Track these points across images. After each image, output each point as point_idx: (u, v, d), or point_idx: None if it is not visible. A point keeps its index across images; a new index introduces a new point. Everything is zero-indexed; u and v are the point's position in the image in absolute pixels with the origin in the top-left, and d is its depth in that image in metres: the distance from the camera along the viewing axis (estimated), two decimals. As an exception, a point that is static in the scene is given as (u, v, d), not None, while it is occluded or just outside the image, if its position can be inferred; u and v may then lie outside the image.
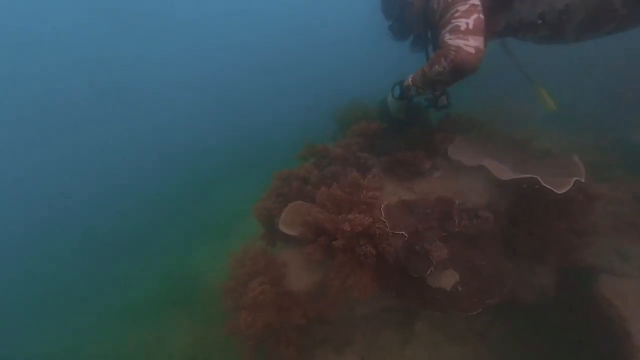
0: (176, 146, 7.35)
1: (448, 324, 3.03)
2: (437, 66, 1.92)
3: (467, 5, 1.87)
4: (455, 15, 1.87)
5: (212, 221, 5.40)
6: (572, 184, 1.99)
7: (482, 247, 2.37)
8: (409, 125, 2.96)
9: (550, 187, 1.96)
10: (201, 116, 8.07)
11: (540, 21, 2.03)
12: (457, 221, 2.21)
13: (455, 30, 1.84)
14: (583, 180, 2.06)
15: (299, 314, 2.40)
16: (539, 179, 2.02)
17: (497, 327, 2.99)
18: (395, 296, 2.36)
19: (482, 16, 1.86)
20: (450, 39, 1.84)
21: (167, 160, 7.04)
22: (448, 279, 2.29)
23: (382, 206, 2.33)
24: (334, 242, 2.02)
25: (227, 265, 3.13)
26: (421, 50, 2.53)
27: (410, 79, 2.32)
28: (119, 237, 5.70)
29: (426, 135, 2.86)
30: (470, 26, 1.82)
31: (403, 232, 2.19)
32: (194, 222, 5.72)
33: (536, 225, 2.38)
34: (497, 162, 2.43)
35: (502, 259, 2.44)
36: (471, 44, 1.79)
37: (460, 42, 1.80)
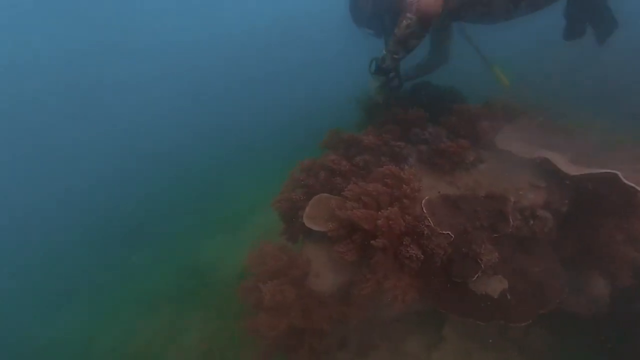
0: (192, 136, 7.17)
1: (479, 329, 2.78)
2: (404, 21, 2.18)
3: None
4: None
5: (226, 211, 5.23)
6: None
7: (535, 252, 2.10)
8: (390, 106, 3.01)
9: (634, 186, 1.66)
10: (215, 103, 7.84)
11: None
12: (511, 221, 1.93)
13: None
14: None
15: (323, 318, 2.18)
16: (619, 174, 1.72)
17: (535, 335, 2.73)
18: (430, 301, 2.12)
19: None
20: None
21: (183, 150, 6.87)
22: (495, 286, 2.03)
23: (423, 201, 2.06)
24: (372, 242, 1.78)
25: (245, 260, 2.93)
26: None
27: (384, 50, 2.53)
28: (134, 227, 5.60)
29: (466, 123, 2.56)
30: None
31: (449, 232, 1.92)
32: (209, 213, 5.57)
33: (596, 231, 2.09)
34: (558, 154, 2.12)
35: (558, 265, 2.16)
36: None
37: None
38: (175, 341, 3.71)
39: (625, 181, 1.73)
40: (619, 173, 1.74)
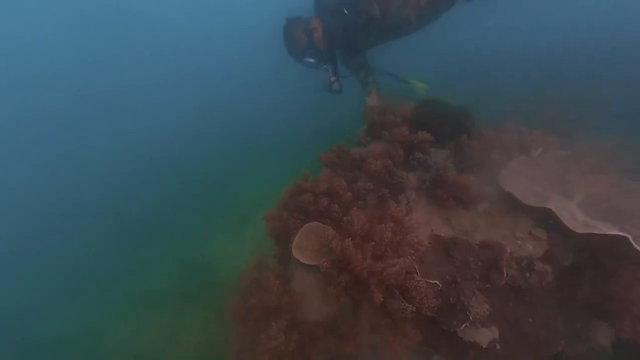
0: (199, 135, 7.23)
1: None
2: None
3: None
4: None
5: (231, 210, 5.33)
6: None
7: (530, 302, 2.00)
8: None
9: (643, 255, 1.51)
10: (221, 103, 7.80)
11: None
12: (505, 274, 1.83)
13: None
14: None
15: (316, 352, 2.22)
16: (630, 239, 1.56)
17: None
18: (421, 343, 2.10)
19: None
20: None
21: (188, 149, 6.97)
22: (485, 335, 1.97)
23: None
24: (369, 298, 1.75)
25: (245, 262, 2.97)
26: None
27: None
28: (140, 224, 5.85)
29: (474, 153, 2.39)
30: None
31: (437, 282, 1.86)
32: (213, 211, 5.70)
33: (604, 280, 1.95)
34: (566, 201, 1.95)
35: (555, 314, 2.06)
36: None
37: None
38: (176, 340, 3.96)
39: (637, 246, 1.57)
40: (629, 236, 1.58)
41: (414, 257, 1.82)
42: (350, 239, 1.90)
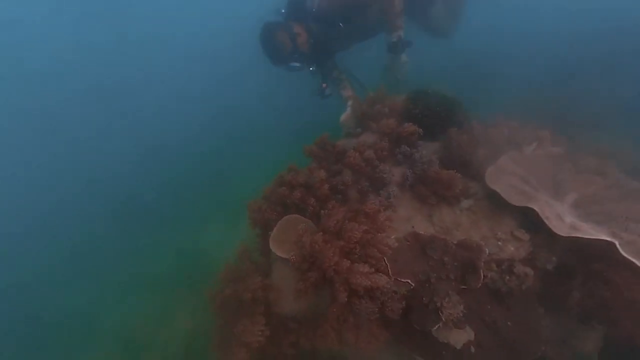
0: (198, 123, 7.23)
1: None
2: None
3: None
4: None
5: (228, 200, 5.33)
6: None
7: (510, 304, 1.91)
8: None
9: (633, 260, 1.40)
10: (222, 93, 7.75)
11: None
12: (482, 276, 1.74)
13: None
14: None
15: (289, 344, 2.20)
16: (617, 245, 1.45)
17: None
18: (394, 341, 2.05)
19: None
20: None
21: (189, 138, 7.00)
22: (460, 336, 1.90)
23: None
24: (333, 296, 1.70)
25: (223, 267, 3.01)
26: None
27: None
28: (142, 211, 5.94)
29: (462, 148, 2.26)
30: None
31: (409, 281, 1.78)
32: (211, 200, 5.73)
33: (595, 285, 1.84)
34: (553, 201, 1.83)
35: (537, 316, 1.96)
36: None
37: None
38: (167, 325, 4.03)
39: (624, 253, 1.46)
40: (617, 243, 1.47)
41: (381, 258, 1.74)
42: (321, 234, 1.84)
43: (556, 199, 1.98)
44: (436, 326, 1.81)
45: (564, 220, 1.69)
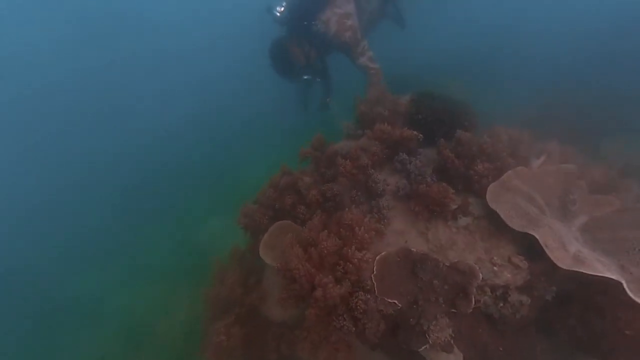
0: (204, 115, 7.18)
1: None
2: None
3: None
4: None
5: (230, 193, 5.33)
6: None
7: (502, 329, 1.80)
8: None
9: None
10: (226, 85, 7.63)
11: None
12: (473, 302, 1.64)
13: None
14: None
15: (272, 348, 2.19)
16: (624, 284, 1.32)
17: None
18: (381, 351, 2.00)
19: None
20: None
21: (195, 130, 6.99)
22: (448, 359, 1.83)
23: (377, 258, 1.83)
24: (306, 312, 1.65)
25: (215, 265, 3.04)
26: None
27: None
28: (148, 201, 6.03)
29: (461, 159, 2.11)
30: None
31: (396, 302, 1.70)
32: (214, 194, 5.75)
33: (595, 317, 1.70)
34: (558, 225, 1.69)
35: (531, 344, 1.86)
36: None
37: None
38: (167, 315, 4.13)
39: (631, 294, 1.32)
40: (624, 282, 1.33)
41: (358, 274, 1.66)
42: (298, 246, 1.78)
43: (563, 222, 1.83)
44: (423, 347, 1.74)
45: (568, 249, 1.55)
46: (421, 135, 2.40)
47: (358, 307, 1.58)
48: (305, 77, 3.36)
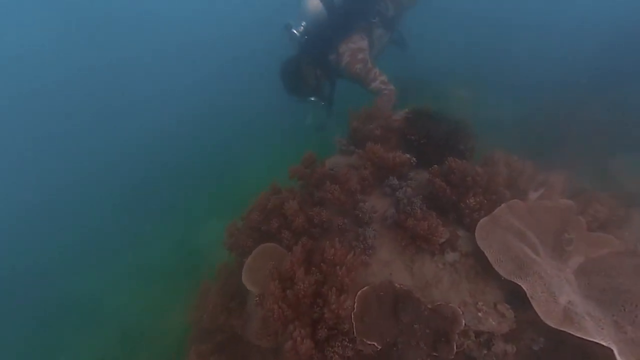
0: (207, 115, 7.12)
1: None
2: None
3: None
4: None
5: (229, 196, 5.32)
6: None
7: (488, 374, 1.73)
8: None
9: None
10: (228, 86, 7.52)
11: None
12: (454, 348, 1.57)
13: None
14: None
15: None
16: (615, 352, 1.22)
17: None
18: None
19: None
20: None
21: (196, 127, 6.95)
22: (427, 400, 1.77)
23: (359, 294, 1.76)
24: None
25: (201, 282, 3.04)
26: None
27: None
28: (149, 203, 6.06)
29: (460, 187, 2.00)
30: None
31: (375, 344, 1.64)
32: (214, 196, 5.74)
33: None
34: (550, 268, 1.58)
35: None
36: None
37: None
38: (163, 317, 4.19)
39: None
40: (615, 350, 1.23)
41: (337, 320, 1.60)
42: (276, 281, 1.72)
43: (557, 262, 1.72)
44: (400, 389, 1.68)
45: (558, 300, 1.45)
46: (414, 159, 2.29)
47: (333, 351, 1.52)
48: (312, 99, 3.46)
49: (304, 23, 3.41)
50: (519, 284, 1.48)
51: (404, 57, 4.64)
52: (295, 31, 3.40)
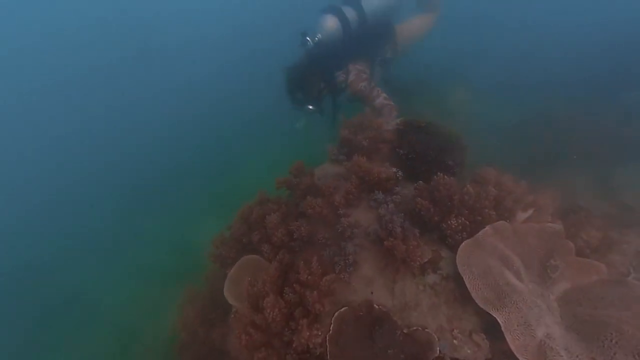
0: (206, 116, 7.12)
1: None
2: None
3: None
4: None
5: (227, 196, 5.33)
6: None
7: (465, 400, 1.70)
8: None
9: None
10: (229, 86, 7.49)
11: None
12: (428, 376, 1.54)
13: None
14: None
15: None
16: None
17: None
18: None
19: None
20: None
21: (196, 127, 6.95)
22: None
23: (336, 315, 1.74)
24: None
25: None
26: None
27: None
28: (143, 199, 6.11)
29: (444, 206, 1.95)
30: None
31: (348, 367, 1.62)
32: (212, 196, 5.76)
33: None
34: (527, 305, 1.53)
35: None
36: None
37: None
38: (157, 317, 4.24)
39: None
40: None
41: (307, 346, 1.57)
42: (247, 304, 1.71)
43: (541, 289, 1.67)
44: (375, 414, 1.66)
45: (535, 333, 1.40)
46: (400, 173, 2.24)
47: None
48: (310, 107, 3.50)
49: (319, 35, 3.48)
50: (495, 315, 1.43)
51: (404, 59, 4.55)
52: (309, 40, 3.45)
